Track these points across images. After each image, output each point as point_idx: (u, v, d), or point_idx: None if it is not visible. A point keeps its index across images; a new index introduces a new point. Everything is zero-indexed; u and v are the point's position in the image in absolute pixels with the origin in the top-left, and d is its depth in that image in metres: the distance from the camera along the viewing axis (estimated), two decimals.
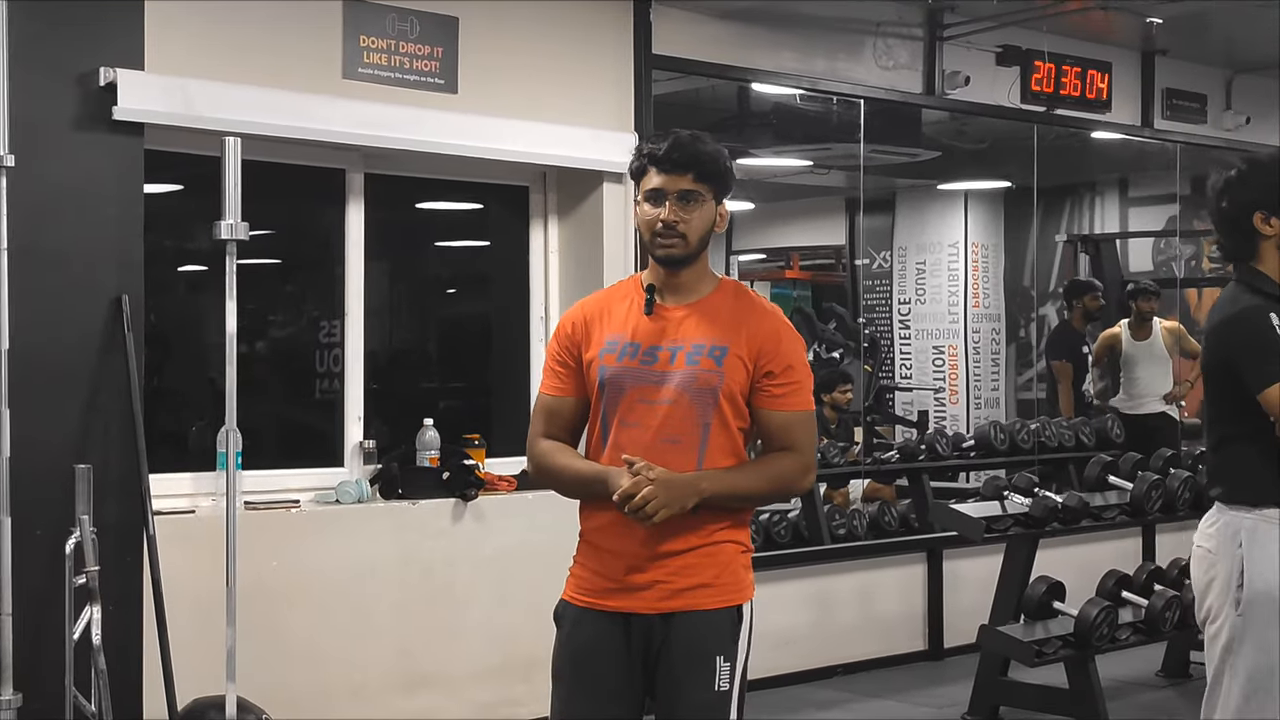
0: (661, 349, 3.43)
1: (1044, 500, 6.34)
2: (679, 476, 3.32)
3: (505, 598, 6.15)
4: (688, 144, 3.43)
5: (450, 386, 7.31)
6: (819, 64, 7.59)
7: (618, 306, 3.53)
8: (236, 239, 4.92)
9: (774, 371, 3.41)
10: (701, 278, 3.51)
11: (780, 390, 3.42)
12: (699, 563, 3.39)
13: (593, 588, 3.46)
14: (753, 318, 3.46)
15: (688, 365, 3.40)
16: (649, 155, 3.45)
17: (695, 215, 3.42)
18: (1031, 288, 11.16)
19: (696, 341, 3.42)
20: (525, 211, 6.88)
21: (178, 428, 6.25)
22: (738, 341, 3.40)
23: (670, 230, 3.41)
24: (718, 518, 3.41)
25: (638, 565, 3.39)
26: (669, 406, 3.39)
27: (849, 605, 7.44)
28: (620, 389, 3.43)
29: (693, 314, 3.46)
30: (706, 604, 3.39)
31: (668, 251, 3.43)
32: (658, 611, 3.38)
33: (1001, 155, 10.13)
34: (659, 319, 3.46)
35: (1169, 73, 9.22)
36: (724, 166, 3.47)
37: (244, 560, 5.15)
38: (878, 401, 10.73)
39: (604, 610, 3.43)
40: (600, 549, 3.45)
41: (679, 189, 3.41)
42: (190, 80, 5.47)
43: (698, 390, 3.38)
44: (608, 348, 3.46)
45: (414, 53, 6.10)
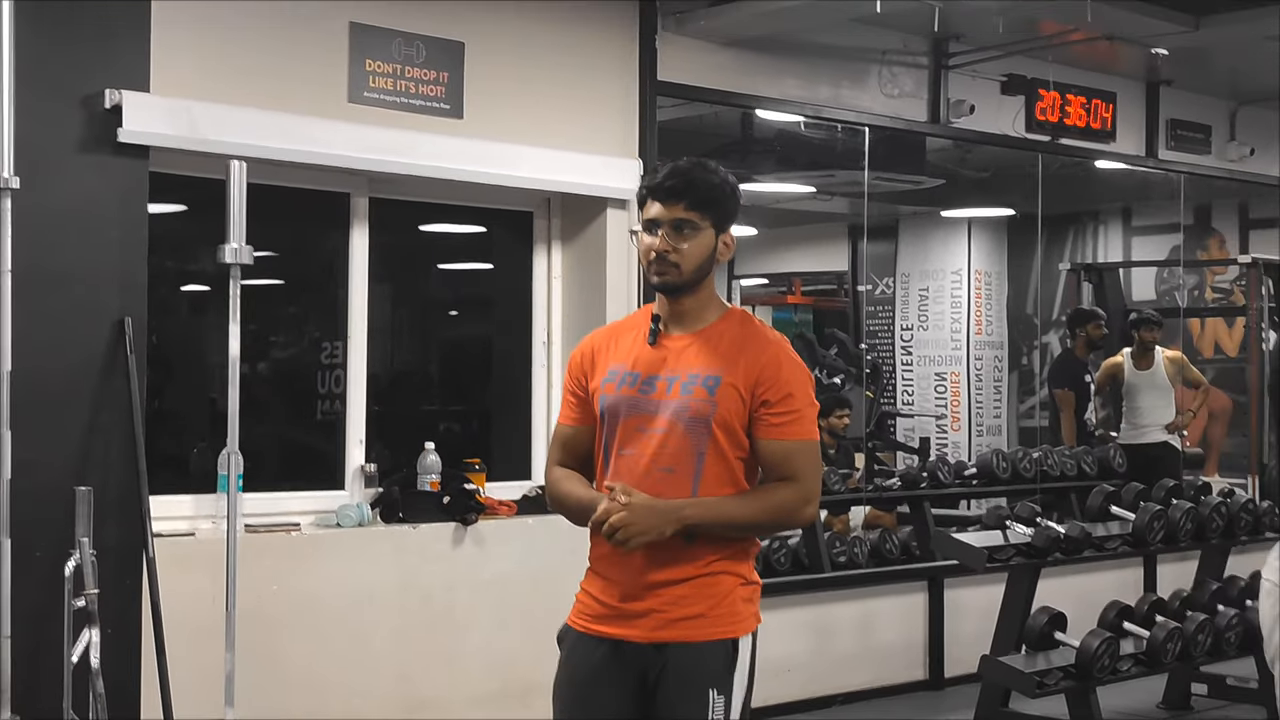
0: (660, 378, 3.43)
1: (1046, 530, 6.31)
2: (661, 503, 3.31)
3: (504, 622, 6.13)
4: (683, 172, 3.42)
5: (451, 409, 7.29)
6: (824, 91, 7.60)
7: (625, 337, 3.54)
8: (240, 263, 4.91)
9: (771, 400, 3.39)
10: (706, 306, 3.50)
11: (778, 419, 3.40)
12: (693, 594, 3.37)
13: (592, 613, 3.46)
14: (753, 346, 3.44)
15: (681, 395, 3.39)
16: (647, 185, 3.47)
17: (689, 244, 3.40)
18: (1034, 315, 11.15)
19: (692, 371, 3.41)
20: (529, 236, 6.87)
21: (178, 449, 6.23)
22: (734, 371, 3.39)
23: (663, 259, 3.40)
24: (716, 549, 3.39)
25: (634, 593, 3.38)
26: (663, 435, 3.38)
27: (849, 633, 7.41)
28: (618, 417, 3.43)
29: (694, 343, 3.45)
30: (699, 635, 3.37)
31: (662, 279, 3.42)
32: (651, 641, 3.37)
33: (1005, 183, 10.13)
34: (661, 349, 3.46)
35: (1173, 103, 9.23)
36: (723, 194, 3.45)
37: (243, 583, 5.14)
38: (879, 428, 10.71)
39: (601, 636, 3.43)
40: (601, 576, 3.46)
41: (673, 218, 3.40)
42: (195, 103, 5.47)
43: (690, 420, 3.37)
44: (609, 377, 3.47)
45: (420, 77, 6.10)
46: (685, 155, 3.50)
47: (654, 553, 3.35)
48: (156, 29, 5.40)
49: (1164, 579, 8.23)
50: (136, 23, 5.36)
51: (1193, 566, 7.38)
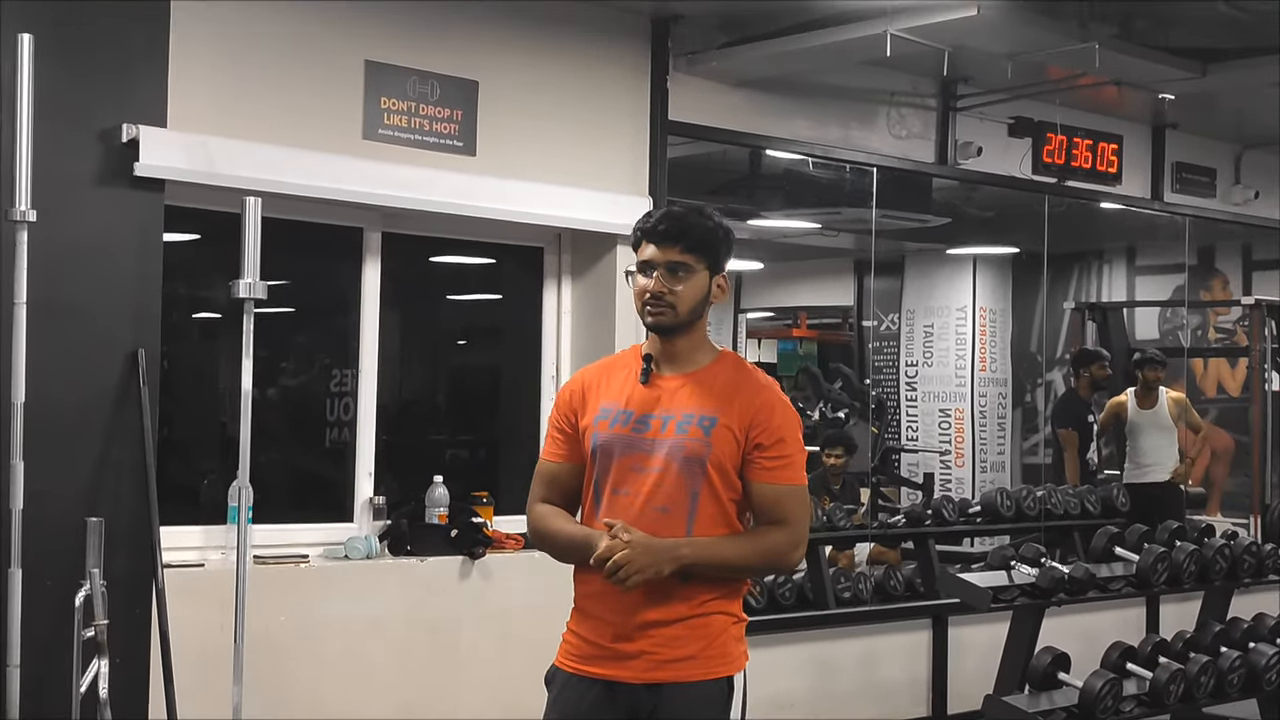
0: (654, 418, 3.44)
1: (1051, 571, 6.31)
2: (659, 541, 3.32)
3: (509, 656, 6.12)
4: (679, 217, 3.46)
5: (459, 440, 7.29)
6: (833, 132, 7.62)
7: (616, 375, 3.55)
8: (255, 297, 4.93)
9: (764, 444, 3.40)
10: (698, 348, 3.51)
11: (771, 464, 3.41)
12: (687, 634, 3.38)
13: (581, 654, 3.46)
14: (747, 390, 3.46)
15: (676, 434, 3.40)
16: (641, 228, 3.49)
17: (684, 286, 3.43)
18: (1039, 353, 11.15)
19: (687, 411, 3.42)
20: (539, 270, 6.89)
21: (188, 480, 6.23)
22: (729, 413, 3.41)
23: (658, 301, 3.43)
24: (709, 588, 3.40)
25: (625, 634, 3.39)
26: (658, 475, 3.39)
27: (852, 670, 7.40)
28: (611, 456, 3.44)
29: (687, 384, 3.46)
30: (694, 676, 3.38)
31: (656, 320, 3.44)
32: (644, 682, 3.38)
33: (1011, 222, 10.14)
34: (654, 388, 3.47)
35: (1179, 147, 9.26)
36: (717, 239, 3.48)
37: (252, 614, 5.15)
38: (883, 463, 10.70)
39: (591, 677, 3.42)
40: (590, 615, 3.45)
41: (668, 260, 3.43)
42: (211, 138, 5.49)
43: (685, 459, 3.38)
44: (602, 415, 3.48)
45: (434, 115, 6.12)
46: (694, 192, 3.53)
47: (647, 592, 3.35)
48: (174, 64, 5.42)
49: (1167, 620, 8.20)
50: (154, 58, 5.38)
51: (1196, 607, 7.36)
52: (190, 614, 5.28)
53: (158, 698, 5.16)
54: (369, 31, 5.97)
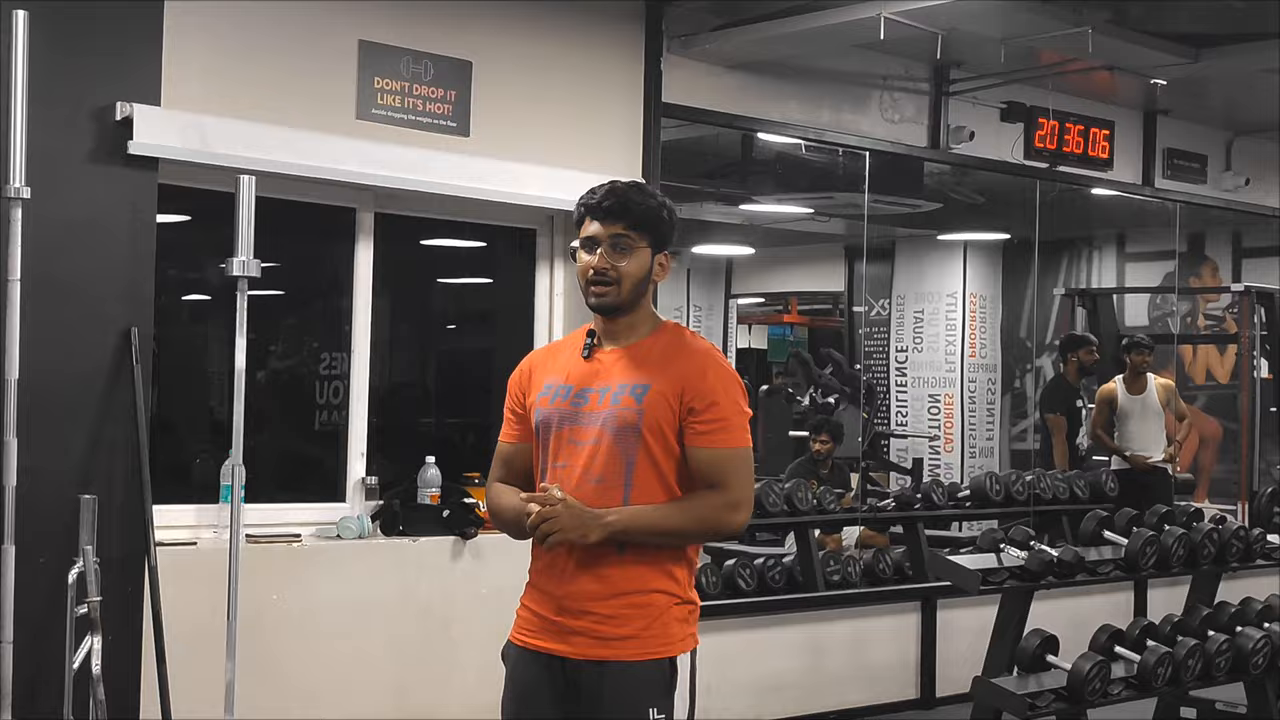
0: (592, 390, 3.44)
1: (1040, 554, 6.32)
2: (588, 509, 3.32)
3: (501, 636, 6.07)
4: (622, 192, 3.44)
5: (451, 422, 7.30)
6: (825, 116, 7.63)
7: (562, 354, 3.56)
8: (248, 275, 4.93)
9: (697, 408, 3.39)
10: (641, 322, 3.50)
11: (704, 427, 3.40)
12: (627, 613, 3.37)
13: (531, 627, 3.48)
14: (681, 356, 3.45)
15: (610, 405, 3.40)
16: (584, 204, 3.46)
17: (627, 262, 3.41)
18: (1028, 339, 11.18)
19: (622, 381, 3.42)
20: (532, 252, 6.90)
21: (181, 459, 6.24)
22: (662, 379, 3.39)
23: (601, 277, 3.40)
24: (652, 567, 3.40)
25: (568, 608, 3.39)
26: (592, 446, 3.40)
27: (842, 652, 7.42)
28: (551, 430, 3.45)
29: (625, 356, 3.46)
30: (634, 655, 3.37)
31: (600, 299, 3.43)
32: (588, 658, 3.38)
33: (1001, 208, 10.17)
34: (594, 362, 3.48)
35: (1170, 133, 9.28)
36: (661, 215, 3.47)
37: (244, 593, 5.16)
38: (873, 448, 10.73)
39: (540, 651, 3.44)
40: (539, 589, 3.47)
41: (611, 235, 3.40)
42: (205, 117, 5.49)
43: (619, 429, 3.38)
44: (544, 392, 3.50)
45: (427, 95, 6.12)
46: (687, 176, 3.52)
47: (588, 567, 3.36)
48: (168, 43, 5.42)
49: (1155, 603, 8.24)
50: (148, 36, 5.38)
51: (1184, 592, 7.38)
52: (183, 592, 5.29)
53: (150, 675, 5.18)
54: (363, 11, 5.97)
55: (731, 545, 7.99)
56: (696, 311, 12.13)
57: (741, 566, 7.08)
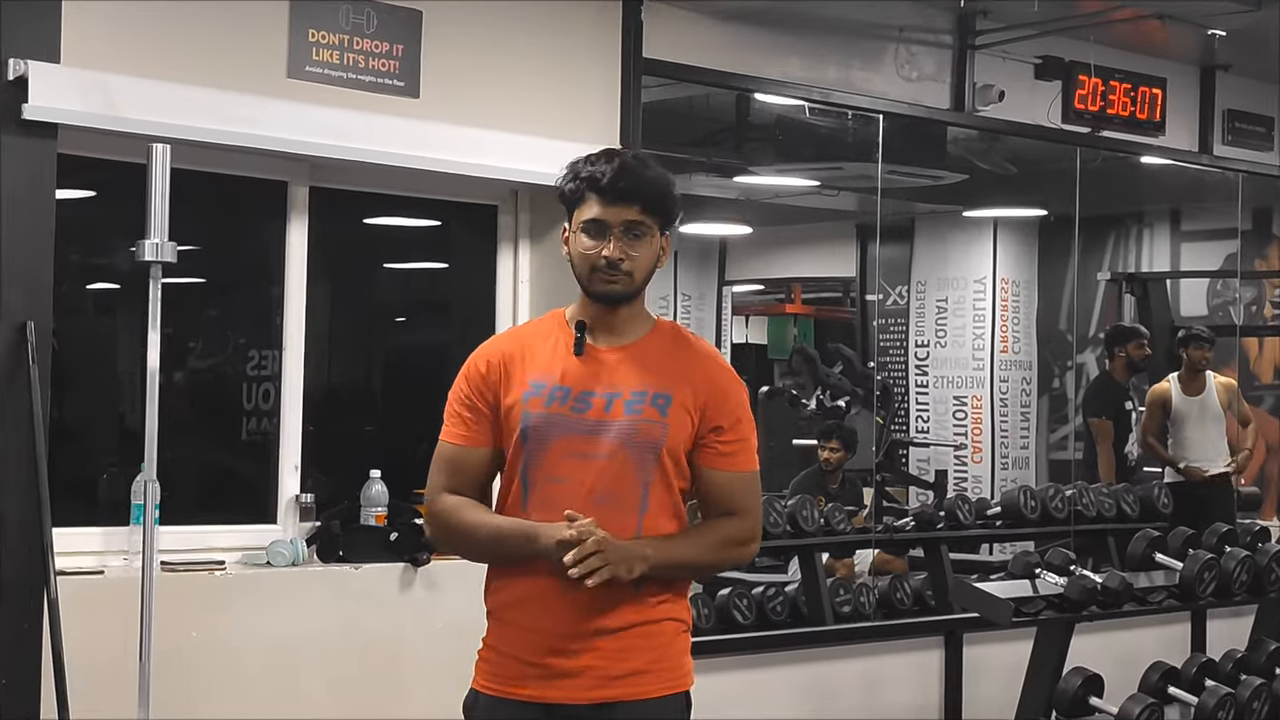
0: (595, 395, 3.44)
1: (1081, 580, 6.36)
2: (623, 542, 3.33)
3: (459, 678, 6.02)
4: (634, 170, 3.45)
5: (399, 431, 7.30)
6: (831, 73, 7.65)
7: (540, 345, 3.55)
8: (163, 261, 4.93)
9: (723, 426, 3.44)
10: (638, 316, 3.55)
11: (728, 448, 3.45)
12: (638, 644, 3.40)
13: (507, 673, 3.47)
14: (698, 365, 3.49)
15: (627, 415, 3.41)
16: (588, 180, 3.45)
17: (642, 250, 3.46)
18: (1069, 332, 11.21)
19: (636, 388, 3.43)
20: (492, 232, 6.91)
21: (85, 474, 6.23)
22: (682, 390, 3.43)
23: (615, 267, 3.43)
24: (658, 590, 3.43)
25: (563, 647, 3.39)
26: (605, 461, 3.40)
27: (853, 695, 7.44)
28: (545, 439, 3.44)
29: (630, 356, 3.48)
30: (651, 692, 3.40)
31: (609, 289, 3.45)
32: (590, 701, 3.39)
33: (1037, 180, 10.20)
34: (591, 360, 3.48)
35: (1231, 92, 9.31)
36: (671, 194, 3.51)
37: (159, 629, 5.14)
38: (889, 459, 10.76)
39: (520, 700, 3.43)
40: (515, 627, 3.46)
41: (624, 221, 3.43)
42: (113, 76, 5.48)
43: (638, 444, 3.40)
44: (532, 391, 3.47)
45: (370, 50, 6.13)
46: (673, 143, 3.55)
47: (590, 596, 3.35)
48: None
49: (1215, 637, 8.28)
50: None
51: (1248, 623, 7.43)
52: (88, 627, 5.28)
53: None
54: None
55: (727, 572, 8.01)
56: (685, 301, 12.15)
57: (738, 596, 7.10)
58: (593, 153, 3.53)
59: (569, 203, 3.49)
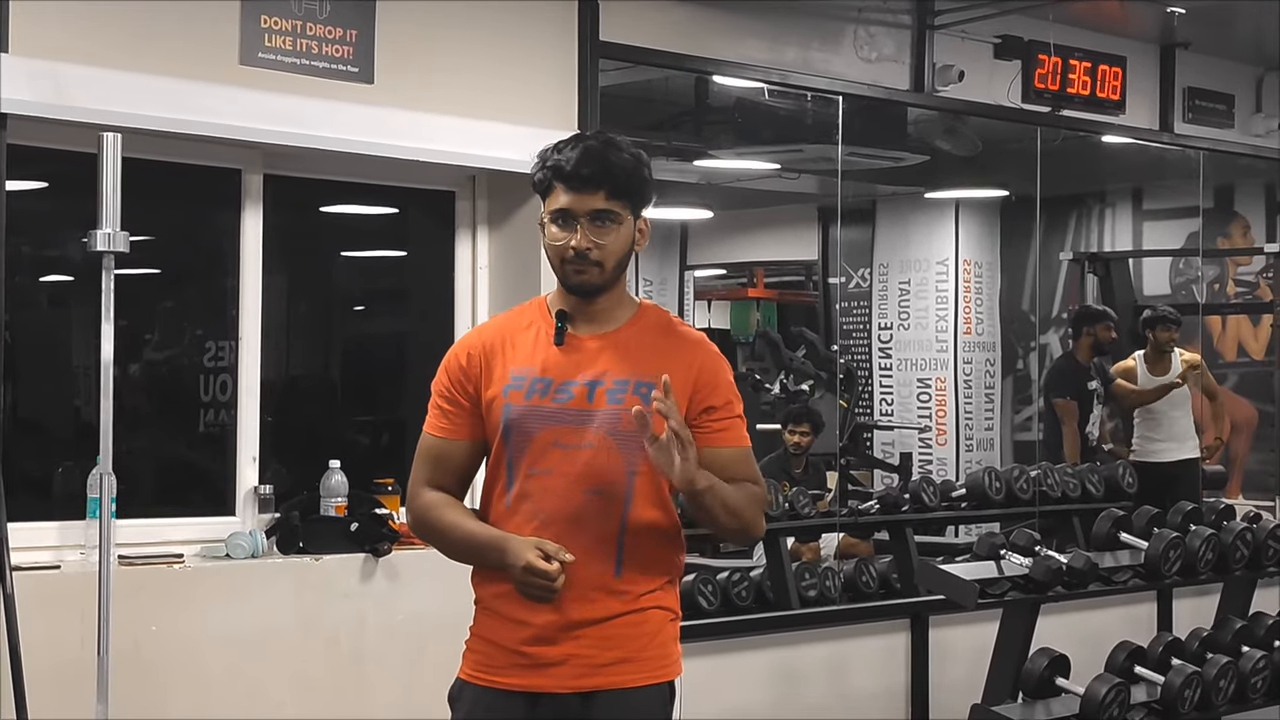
0: (576, 384, 3.44)
1: (1046, 560, 6.38)
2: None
3: (422, 669, 6.13)
4: (599, 155, 3.43)
5: (359, 420, 7.29)
6: (790, 55, 7.64)
7: (521, 336, 3.53)
8: (115, 251, 4.90)
9: (715, 406, 3.45)
10: (619, 303, 3.53)
11: (720, 426, 3.46)
12: (623, 633, 3.40)
13: (494, 663, 3.46)
14: (682, 348, 3.49)
15: (610, 404, 3.41)
16: (554, 169, 3.44)
17: (611, 238, 3.44)
18: (1031, 312, 11.25)
19: (619, 376, 3.43)
20: (450, 219, 6.89)
21: (41, 468, 6.20)
22: (668, 375, 3.41)
23: (583, 258, 3.42)
24: (646, 579, 3.43)
25: (548, 636, 3.39)
26: (590, 451, 3.40)
27: (820, 679, 7.45)
28: (529, 432, 3.43)
29: (610, 344, 3.48)
30: (635, 680, 3.40)
31: (581, 280, 3.45)
32: (574, 690, 3.39)
33: (998, 160, 10.21)
34: (572, 350, 3.47)
35: (1191, 70, 9.33)
36: (642, 176, 3.50)
37: (117, 624, 5.12)
38: (853, 442, 10.78)
39: (508, 690, 3.43)
40: (503, 617, 3.45)
41: (590, 209, 3.42)
42: (62, 65, 5.45)
43: (623, 433, 3.39)
44: (513, 384, 3.47)
45: (324, 36, 6.10)
46: (631, 127, 3.53)
47: (575, 586, 3.36)
48: None
49: (1181, 616, 8.32)
50: None
51: (1213, 602, 7.46)
52: (45, 623, 5.26)
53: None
54: None
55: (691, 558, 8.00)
56: (647, 286, 12.16)
57: (703, 582, 7.09)
58: (563, 139, 3.52)
59: (540, 192, 3.49)
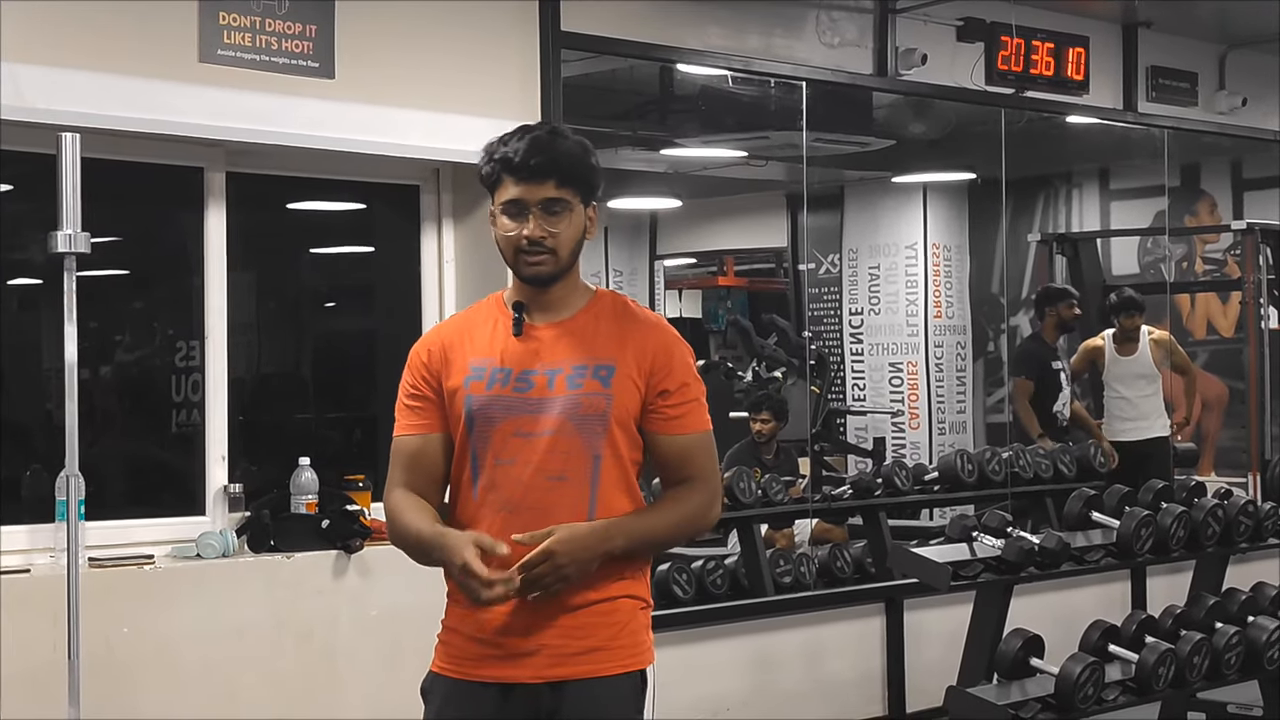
0: (536, 373, 3.44)
1: (1018, 541, 6.38)
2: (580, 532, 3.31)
3: (395, 665, 6.12)
4: (547, 144, 3.43)
5: (328, 417, 7.27)
6: (753, 41, 7.64)
7: (480, 329, 3.54)
8: (76, 252, 4.87)
9: (669, 389, 3.44)
10: (574, 291, 3.54)
11: (675, 411, 3.45)
12: (593, 622, 3.40)
13: (465, 655, 3.46)
14: (638, 331, 3.49)
15: (570, 390, 3.41)
16: (502, 161, 3.44)
17: (563, 226, 3.44)
18: (1001, 295, 11.25)
19: (576, 362, 3.44)
20: (415, 213, 6.88)
21: (10, 472, 6.18)
22: (624, 359, 3.43)
23: (537, 247, 3.42)
24: (614, 568, 3.42)
25: (519, 627, 3.39)
26: (551, 438, 3.40)
27: (796, 665, 7.47)
28: (491, 421, 3.43)
29: (568, 331, 3.48)
30: (604, 670, 3.40)
31: (536, 270, 3.44)
32: (545, 680, 3.39)
33: (964, 143, 10.23)
34: (529, 339, 3.48)
35: (1154, 48, 9.35)
36: (589, 164, 3.49)
37: (88, 626, 5.10)
38: (826, 428, 10.78)
39: (479, 681, 3.43)
40: (473, 609, 3.43)
41: (541, 198, 3.42)
42: (18, 66, 5.44)
43: (583, 417, 3.39)
44: (474, 375, 3.47)
45: (283, 31, 6.09)
46: (595, 118, 3.53)
47: None
48: None
49: (1154, 594, 8.34)
50: None
51: (1186, 579, 7.47)
52: (16, 627, 5.26)
53: None
54: None
55: None
56: (616, 277, 12.15)
57: (677, 571, 7.10)
58: (507, 132, 3.51)
59: (488, 186, 3.48)
